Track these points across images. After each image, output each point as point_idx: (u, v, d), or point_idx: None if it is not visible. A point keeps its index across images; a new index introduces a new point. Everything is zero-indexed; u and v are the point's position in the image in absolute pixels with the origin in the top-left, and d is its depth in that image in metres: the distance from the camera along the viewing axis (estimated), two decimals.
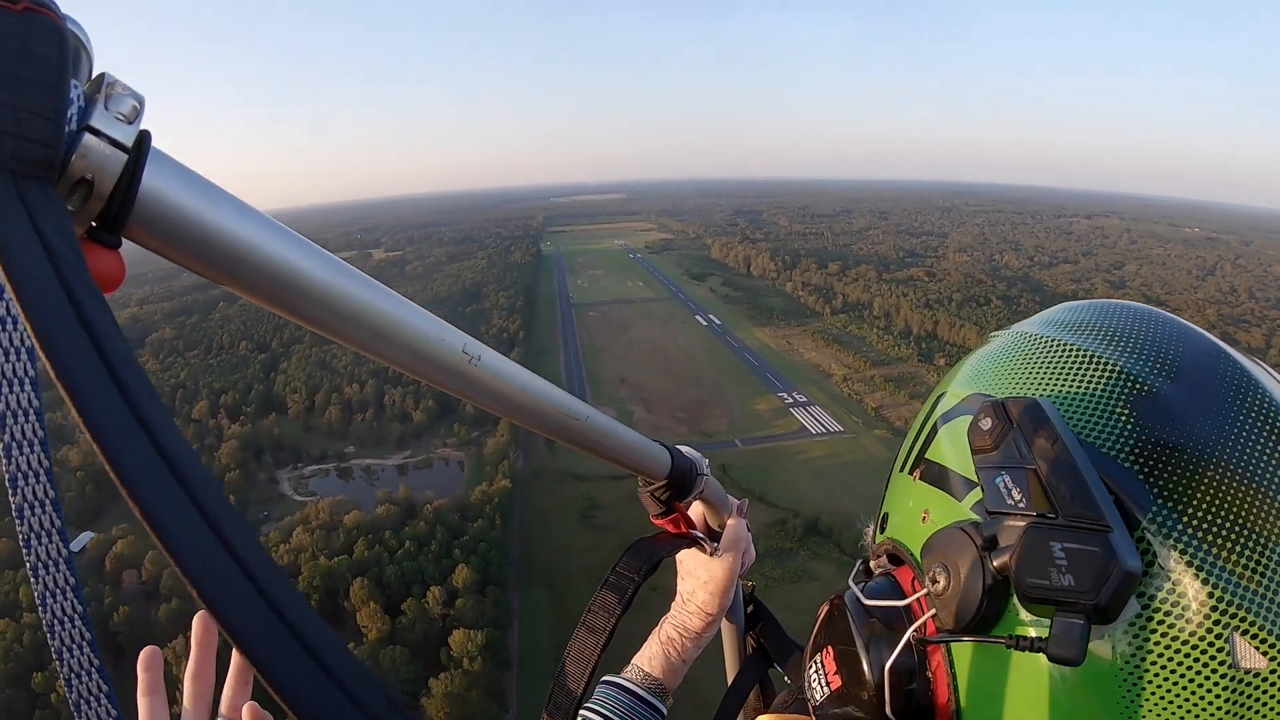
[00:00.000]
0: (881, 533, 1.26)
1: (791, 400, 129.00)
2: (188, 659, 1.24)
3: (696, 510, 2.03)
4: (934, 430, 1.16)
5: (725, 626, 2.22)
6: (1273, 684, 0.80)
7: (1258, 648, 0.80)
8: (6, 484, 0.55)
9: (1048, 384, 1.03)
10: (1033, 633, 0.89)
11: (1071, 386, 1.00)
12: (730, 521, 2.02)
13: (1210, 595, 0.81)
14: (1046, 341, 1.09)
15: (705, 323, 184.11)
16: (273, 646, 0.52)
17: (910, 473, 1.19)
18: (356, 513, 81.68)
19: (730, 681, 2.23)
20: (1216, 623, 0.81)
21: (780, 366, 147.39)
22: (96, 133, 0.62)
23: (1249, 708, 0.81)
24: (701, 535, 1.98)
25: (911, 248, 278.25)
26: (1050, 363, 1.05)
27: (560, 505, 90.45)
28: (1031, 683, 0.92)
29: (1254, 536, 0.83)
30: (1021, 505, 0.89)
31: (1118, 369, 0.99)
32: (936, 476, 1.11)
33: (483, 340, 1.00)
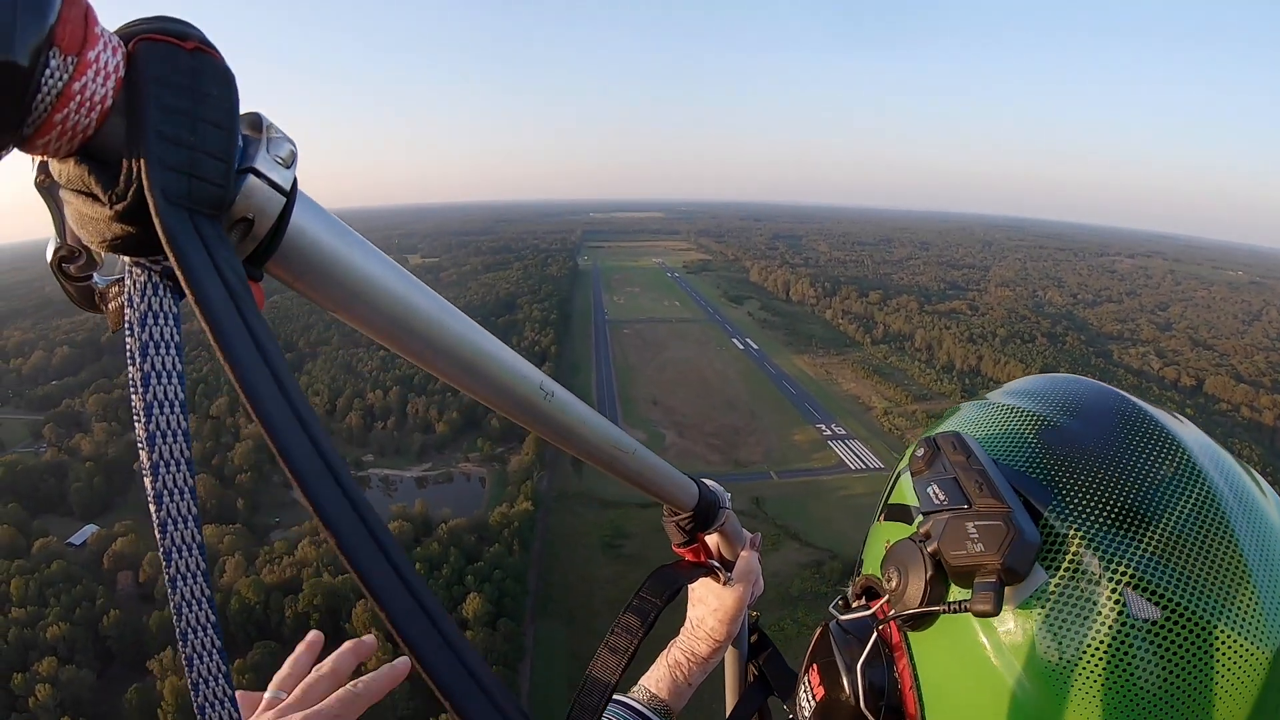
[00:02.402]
0: (858, 575, 1.45)
1: (830, 433, 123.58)
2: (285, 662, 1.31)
3: (712, 540, 2.14)
4: (896, 480, 1.38)
5: (729, 654, 2.32)
6: (1165, 629, 0.97)
7: (1149, 599, 0.98)
8: (144, 443, 0.61)
9: (981, 428, 1.28)
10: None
11: (998, 428, 1.25)
12: (744, 553, 2.14)
13: (1102, 561, 1.01)
14: (990, 403, 1.34)
15: (742, 347, 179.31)
16: (456, 678, 0.62)
17: (879, 519, 1.41)
18: None
19: (730, 709, 2.34)
20: (1112, 582, 1.00)
21: (819, 396, 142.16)
22: (260, 175, 0.66)
23: (1151, 649, 0.98)
24: (718, 564, 2.10)
25: (953, 280, 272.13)
26: (987, 416, 1.30)
27: (584, 532, 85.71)
28: (976, 661, 1.10)
29: (1136, 518, 1.04)
30: (945, 503, 1.10)
31: (1034, 414, 1.24)
32: (897, 514, 1.32)
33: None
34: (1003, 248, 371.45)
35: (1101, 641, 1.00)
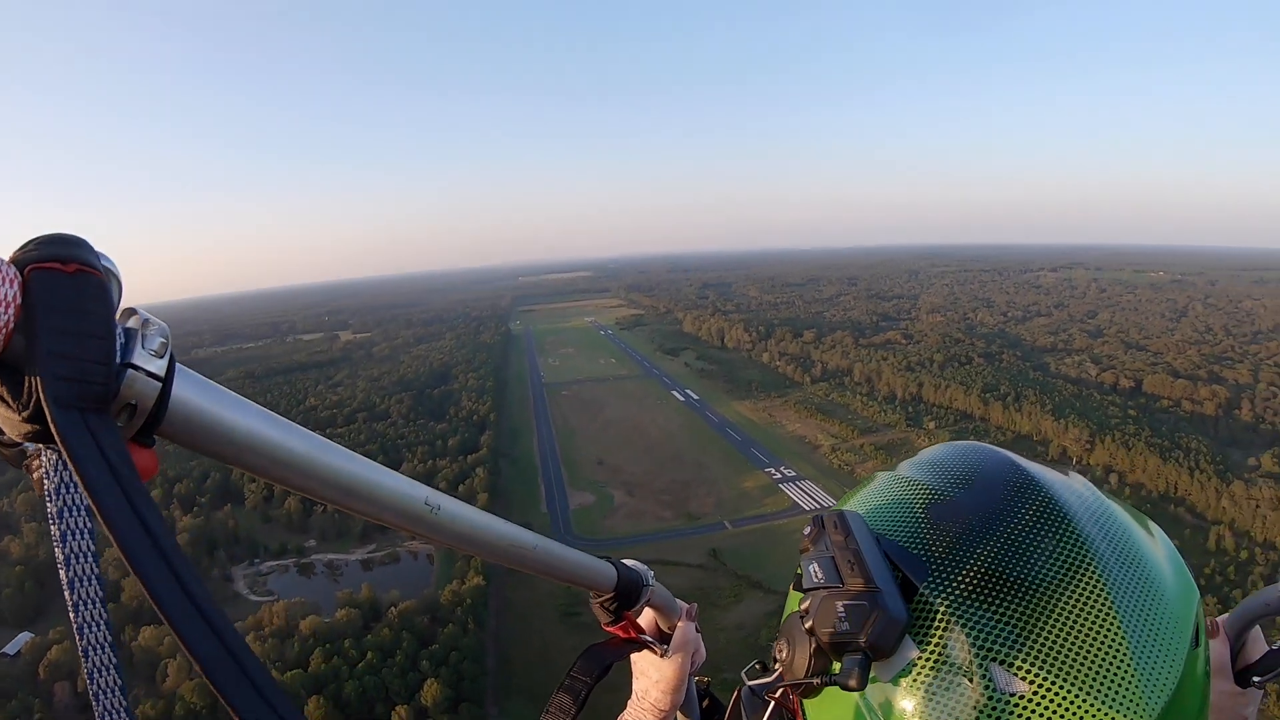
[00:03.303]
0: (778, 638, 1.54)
1: (780, 475, 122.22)
2: None
3: (648, 616, 2.23)
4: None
5: None
6: (1031, 704, 1.02)
7: (1015, 673, 1.04)
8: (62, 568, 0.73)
9: (876, 502, 1.38)
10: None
11: (889, 501, 1.35)
12: (680, 624, 2.21)
13: (970, 637, 1.07)
14: (894, 475, 1.44)
15: (682, 398, 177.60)
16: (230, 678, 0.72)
17: (791, 587, 1.47)
18: (314, 618, 73.99)
19: None
20: (978, 657, 1.06)
21: (764, 440, 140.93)
22: (137, 368, 0.81)
23: None
24: (651, 639, 2.17)
25: (884, 311, 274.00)
26: (886, 489, 1.40)
27: (539, 602, 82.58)
28: None
29: (1006, 591, 1.10)
30: (822, 581, 1.17)
31: (927, 487, 1.33)
32: (799, 582, 1.36)
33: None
34: (929, 275, 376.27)
35: (967, 717, 1.04)
